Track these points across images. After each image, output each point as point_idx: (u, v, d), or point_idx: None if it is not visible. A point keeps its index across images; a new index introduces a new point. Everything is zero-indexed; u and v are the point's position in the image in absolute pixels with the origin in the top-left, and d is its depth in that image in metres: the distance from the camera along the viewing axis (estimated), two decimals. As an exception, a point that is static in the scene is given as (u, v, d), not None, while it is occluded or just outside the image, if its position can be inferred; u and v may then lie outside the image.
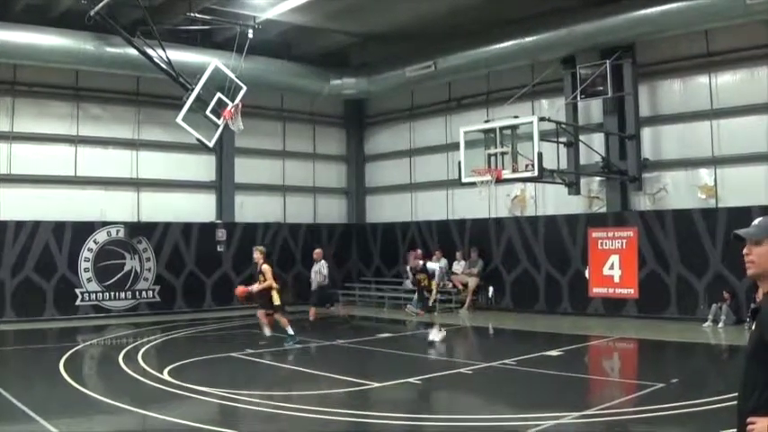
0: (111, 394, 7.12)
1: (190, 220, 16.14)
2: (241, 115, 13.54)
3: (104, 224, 15.10)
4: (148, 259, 15.31)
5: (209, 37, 14.86)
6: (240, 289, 10.71)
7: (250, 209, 17.17)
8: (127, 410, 6.49)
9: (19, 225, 14.05)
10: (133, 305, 15.33)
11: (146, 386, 7.62)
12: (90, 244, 14.94)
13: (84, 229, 14.82)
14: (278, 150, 17.98)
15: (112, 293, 15.11)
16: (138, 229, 15.45)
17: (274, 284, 10.18)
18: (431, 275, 14.29)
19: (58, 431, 5.69)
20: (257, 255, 10.48)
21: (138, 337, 11.89)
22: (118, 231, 15.20)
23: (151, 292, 15.30)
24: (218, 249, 16.36)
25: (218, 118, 13.61)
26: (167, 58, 13.28)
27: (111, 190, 15.40)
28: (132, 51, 13.03)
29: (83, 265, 14.90)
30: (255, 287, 10.30)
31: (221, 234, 16.37)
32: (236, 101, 13.67)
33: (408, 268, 15.54)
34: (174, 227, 15.82)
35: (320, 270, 12.69)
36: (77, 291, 14.74)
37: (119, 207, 15.42)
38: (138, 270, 15.36)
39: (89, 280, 14.90)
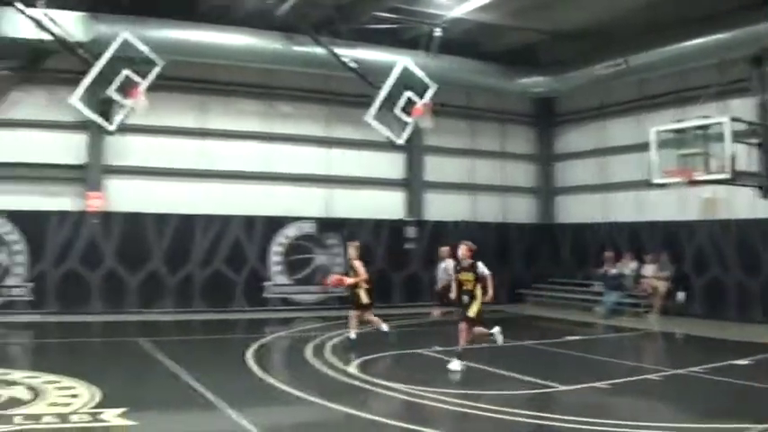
0: (297, 385, 7.52)
1: (379, 216, 17.08)
2: (430, 113, 14.40)
3: (295, 219, 16.43)
4: (338, 255, 16.31)
5: (395, 35, 15.60)
6: (335, 278, 11.35)
7: (438, 207, 17.84)
8: (311, 402, 6.84)
9: (209, 219, 15.64)
10: (322, 299, 16.33)
11: (331, 379, 8.04)
12: (280, 238, 16.32)
13: (274, 224, 16.21)
14: (466, 149, 18.58)
15: (301, 287, 16.41)
16: (328, 226, 16.56)
17: (363, 282, 10.59)
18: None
19: (244, 420, 6.06)
20: (352, 250, 10.93)
21: (326, 330, 12.49)
22: (309, 227, 16.45)
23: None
24: (408, 247, 17.15)
25: (408, 116, 14.49)
26: (355, 56, 14.45)
27: (301, 186, 16.68)
28: (320, 50, 14.18)
29: (273, 258, 16.43)
30: (349, 280, 10.78)
31: (412, 231, 17.13)
32: (425, 99, 14.34)
33: (605, 270, 15.50)
34: (365, 223, 16.79)
35: (447, 269, 12.84)
36: (266, 283, 16.20)
37: (309, 203, 16.61)
38: (328, 266, 16.38)
39: (278, 273, 16.35)
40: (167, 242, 15.78)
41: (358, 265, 10.74)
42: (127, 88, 12.38)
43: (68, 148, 15.68)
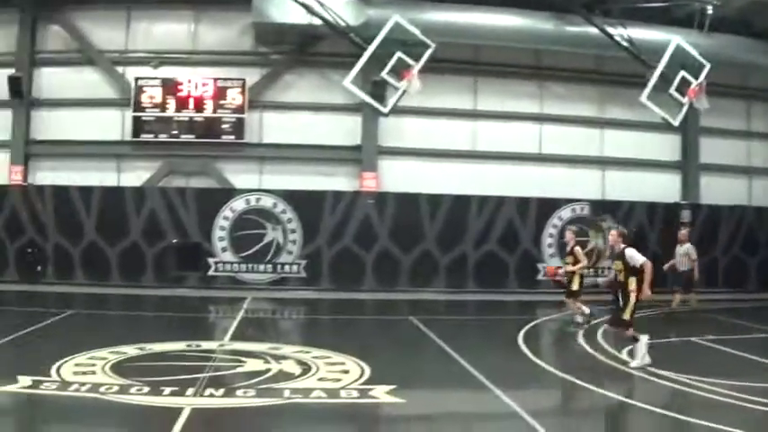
0: (567, 370, 7.34)
1: (653, 200, 16.29)
2: (705, 94, 14.17)
3: (569, 201, 16.00)
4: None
5: (667, 14, 15.07)
6: (550, 269, 11.08)
7: (713, 191, 16.83)
8: (581, 387, 6.63)
9: (483, 200, 15.62)
10: (593, 283, 16.21)
11: (601, 364, 7.78)
12: (554, 220, 15.99)
13: (548, 206, 15.89)
14: (741, 130, 17.52)
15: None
16: (602, 208, 16.00)
17: (580, 269, 10.10)
18: None
19: (512, 402, 5.94)
20: (569, 235, 10.37)
21: (599, 314, 11.72)
22: (582, 209, 16.01)
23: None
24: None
25: (683, 96, 14.38)
26: (627, 35, 14.01)
27: (574, 168, 16.38)
28: (592, 30, 13.87)
29: (546, 241, 15.94)
30: (568, 268, 10.30)
31: (686, 215, 16.00)
32: (700, 79, 13.73)
33: None
34: (638, 206, 16.06)
35: (688, 253, 12.11)
36: (540, 266, 15.64)
37: (582, 185, 16.20)
38: (601, 248, 15.65)
39: (552, 256, 15.71)
40: (440, 223, 15.87)
41: (578, 251, 10.35)
42: (399, 70, 12.57)
43: (343, 130, 16.29)
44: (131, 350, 8.09)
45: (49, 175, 16.29)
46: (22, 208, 15.71)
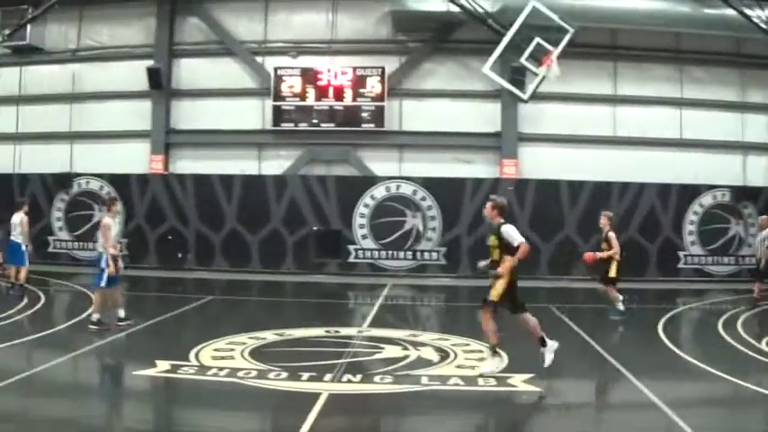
0: (706, 360, 7.17)
1: None
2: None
3: (710, 187, 15.90)
4: (752, 225, 15.54)
5: None
6: (588, 255, 10.52)
7: None
8: (720, 378, 6.47)
9: (624, 186, 15.59)
10: (735, 271, 15.64)
11: (742, 355, 7.59)
12: (695, 207, 15.87)
13: (689, 192, 15.79)
14: None
15: (715, 258, 15.75)
16: (744, 194, 15.87)
17: (616, 255, 9.87)
18: None
19: (650, 392, 5.82)
20: (604, 220, 10.15)
21: (738, 304, 11.87)
22: (723, 195, 15.94)
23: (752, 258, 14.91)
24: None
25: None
26: (766, 17, 14.26)
27: (715, 153, 16.22)
28: (730, 12, 13.73)
29: (687, 228, 15.92)
30: (601, 254, 10.08)
31: None
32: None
33: None
34: None
35: (765, 239, 11.71)
36: (681, 254, 15.78)
37: (723, 171, 16.08)
38: (743, 236, 15.79)
39: (693, 243, 15.80)
40: (581, 209, 16.10)
41: (612, 236, 10.14)
42: (539, 56, 12.66)
43: (482, 117, 16.60)
44: (270, 335, 8.24)
45: (189, 164, 16.96)
46: (163, 196, 16.41)
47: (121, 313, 8.61)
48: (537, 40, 12.37)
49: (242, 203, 16.01)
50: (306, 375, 6.29)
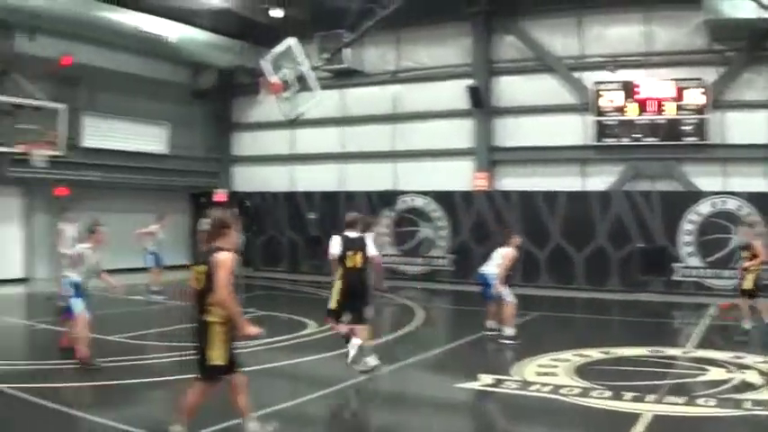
0: None
1: None
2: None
3: None
4: None
5: None
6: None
7: None
8: None
9: None
10: None
11: None
12: None
13: None
14: None
15: None
16: None
17: (756, 265, 13.13)
18: None
19: None
20: (745, 229, 13.29)
21: None
22: None
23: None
24: None
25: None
26: None
27: None
28: None
29: None
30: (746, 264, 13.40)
31: None
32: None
33: None
34: None
35: None
36: None
37: None
38: None
39: None
40: None
41: (757, 245, 13.39)
42: None
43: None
44: (594, 353, 11.79)
45: (512, 181, 28.58)
46: (487, 213, 28.56)
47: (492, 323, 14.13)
48: None
49: (566, 220, 25.08)
50: (629, 395, 8.97)
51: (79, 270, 11.89)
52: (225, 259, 7.50)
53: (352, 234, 11.47)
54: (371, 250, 12.04)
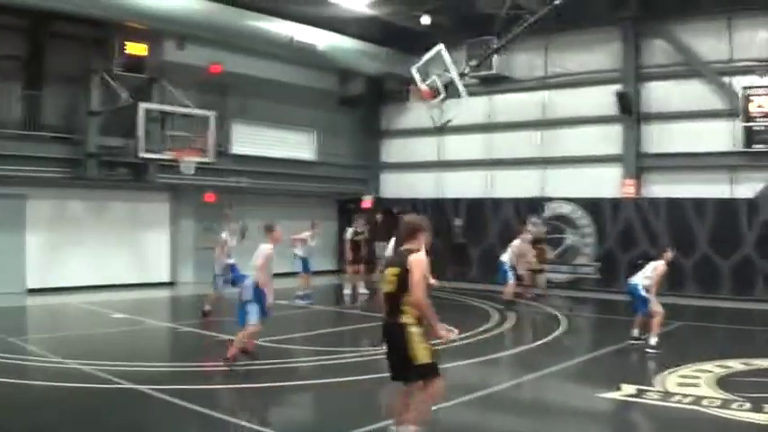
0: None
1: None
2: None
3: None
4: None
5: None
6: None
7: None
8: None
9: None
10: None
11: None
12: None
13: None
14: None
15: None
16: None
17: None
18: None
19: None
20: None
21: None
22: None
23: None
24: None
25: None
26: None
27: None
28: None
29: None
30: None
31: None
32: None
33: None
34: None
35: None
36: None
37: None
38: None
39: None
40: None
41: None
42: None
43: None
44: (737, 365, 13.01)
45: (660, 188, 31.80)
46: (635, 220, 32.78)
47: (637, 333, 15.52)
48: None
49: (714, 228, 27.78)
50: (768, 408, 9.18)
51: (268, 272, 13.66)
52: (419, 261, 8.18)
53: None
54: None
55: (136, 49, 26.35)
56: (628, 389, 11.96)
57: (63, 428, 10.35)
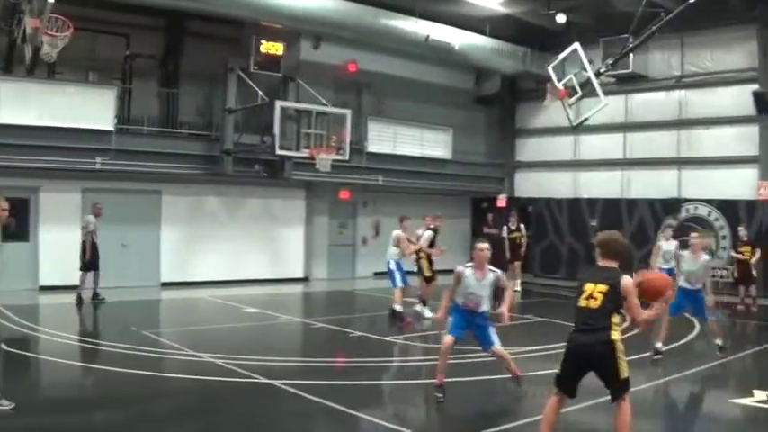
0: None
1: None
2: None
3: None
4: None
5: None
6: None
7: None
8: None
9: None
10: None
11: None
12: None
13: None
14: None
15: None
16: None
17: None
18: None
19: None
20: None
21: None
22: None
23: None
24: None
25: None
26: None
27: None
28: None
29: None
30: None
31: None
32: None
33: None
34: None
35: None
36: None
37: None
38: None
39: None
40: None
41: None
42: None
43: None
44: None
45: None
46: None
47: (720, 341, 15.36)
48: None
49: None
50: None
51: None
52: (632, 286, 8.54)
53: None
54: None
55: (272, 48, 27.60)
56: (760, 395, 12.13)
57: (195, 416, 11.31)
